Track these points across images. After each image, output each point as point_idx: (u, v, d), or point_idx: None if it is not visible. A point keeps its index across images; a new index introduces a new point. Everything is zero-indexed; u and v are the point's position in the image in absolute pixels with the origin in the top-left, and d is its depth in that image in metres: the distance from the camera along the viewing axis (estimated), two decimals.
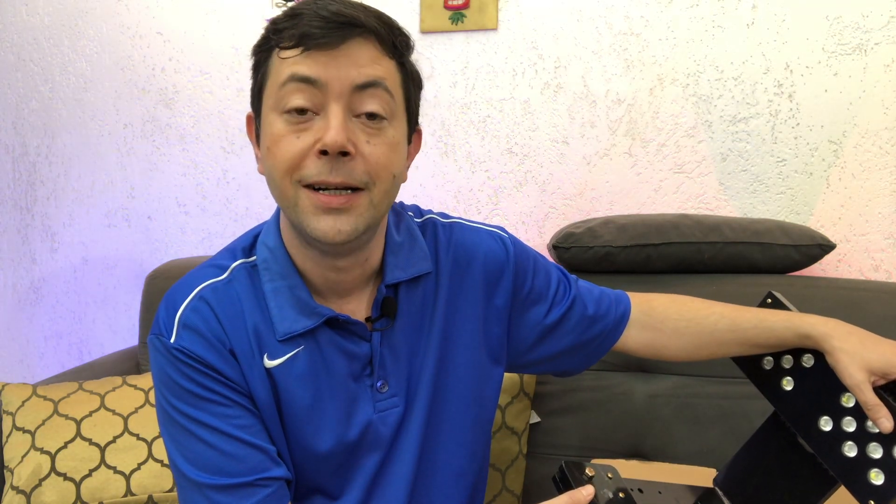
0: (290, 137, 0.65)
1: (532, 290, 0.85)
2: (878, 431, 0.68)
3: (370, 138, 0.65)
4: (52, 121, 1.82)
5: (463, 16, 1.50)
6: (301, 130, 0.64)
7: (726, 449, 1.12)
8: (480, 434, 0.84)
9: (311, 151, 0.64)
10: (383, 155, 0.66)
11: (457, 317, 0.80)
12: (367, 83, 0.64)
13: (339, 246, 0.68)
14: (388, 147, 0.67)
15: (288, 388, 0.72)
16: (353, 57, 0.64)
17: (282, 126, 0.65)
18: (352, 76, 0.63)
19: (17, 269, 1.92)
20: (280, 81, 0.64)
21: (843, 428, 0.71)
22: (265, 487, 0.69)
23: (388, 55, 0.66)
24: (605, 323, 0.87)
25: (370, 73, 0.64)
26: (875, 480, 0.67)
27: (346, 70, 0.63)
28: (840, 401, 0.72)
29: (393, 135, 0.67)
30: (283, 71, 0.64)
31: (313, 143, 0.64)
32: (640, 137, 1.46)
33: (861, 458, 0.69)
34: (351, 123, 0.65)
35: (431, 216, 0.85)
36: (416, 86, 0.72)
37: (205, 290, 0.72)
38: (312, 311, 0.72)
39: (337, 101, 0.64)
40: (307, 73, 0.63)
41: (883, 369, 0.70)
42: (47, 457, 1.14)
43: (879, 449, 0.68)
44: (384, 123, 0.66)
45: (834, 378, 0.73)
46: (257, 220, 1.71)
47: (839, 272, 1.40)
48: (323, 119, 0.64)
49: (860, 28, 1.33)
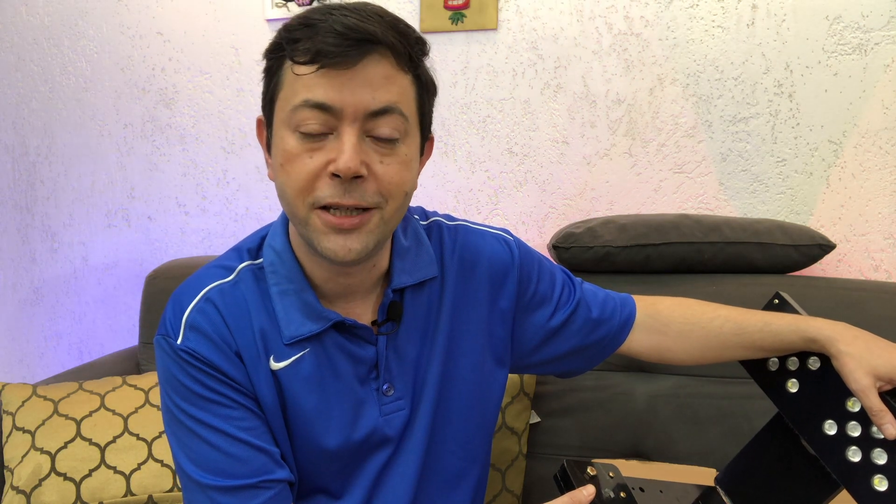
0: (303, 157, 0.64)
1: (536, 292, 0.85)
2: (883, 437, 0.68)
3: (383, 158, 0.65)
4: (52, 121, 1.82)
5: (463, 16, 1.50)
6: (314, 150, 0.64)
7: (726, 449, 1.12)
8: (484, 436, 0.85)
9: (324, 172, 0.64)
10: (396, 174, 0.66)
11: (462, 320, 0.80)
12: (382, 110, 0.63)
13: (349, 264, 0.68)
14: (401, 166, 0.66)
15: (293, 391, 0.72)
16: (368, 77, 0.62)
17: (295, 144, 0.64)
18: (366, 102, 0.63)
19: (17, 269, 1.92)
20: (294, 103, 0.64)
21: (848, 432, 0.70)
22: (268, 489, 0.69)
23: (403, 70, 0.65)
24: (609, 326, 0.87)
25: (385, 99, 0.63)
26: (878, 486, 0.66)
27: (360, 95, 0.62)
28: (845, 405, 0.72)
29: (406, 153, 0.67)
30: (298, 91, 0.63)
31: (326, 163, 0.63)
32: (640, 137, 1.46)
33: (865, 463, 0.68)
34: (364, 144, 0.64)
35: (437, 219, 0.85)
36: (430, 94, 0.71)
37: (212, 292, 0.72)
38: (319, 315, 0.72)
39: (351, 125, 0.63)
40: (322, 100, 0.62)
41: (889, 375, 0.70)
42: (47, 457, 1.14)
43: (884, 455, 0.67)
44: (397, 143, 0.66)
45: (840, 382, 0.72)
46: (257, 220, 1.72)
47: (839, 272, 1.40)
48: (336, 140, 0.64)
49: (860, 28, 1.33)
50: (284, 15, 1.61)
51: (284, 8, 1.61)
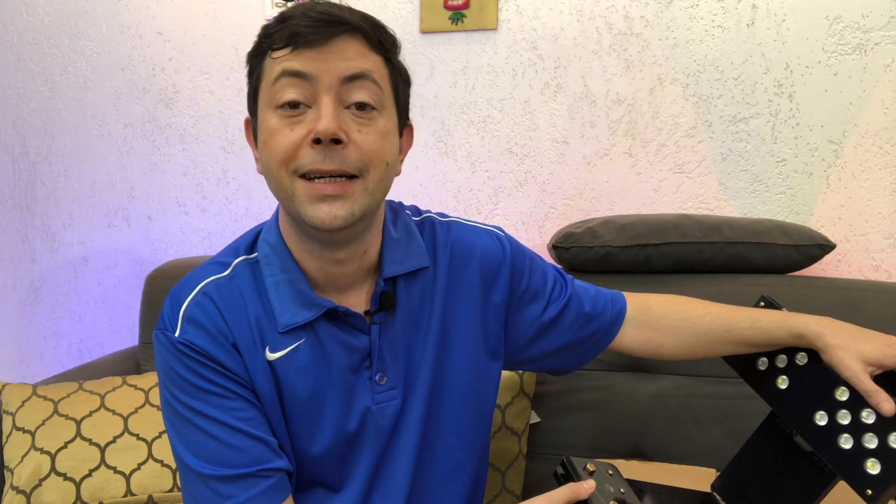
0: (284, 130, 0.67)
1: (529, 287, 0.86)
2: (872, 422, 0.70)
3: (361, 127, 0.68)
4: (52, 121, 1.82)
5: (463, 16, 1.50)
6: (295, 123, 0.67)
7: (726, 449, 1.12)
8: (480, 428, 0.85)
9: (305, 142, 0.66)
10: (375, 142, 0.68)
11: (455, 312, 0.81)
12: (356, 75, 0.67)
13: (336, 233, 0.69)
14: (380, 135, 0.69)
15: (289, 380, 0.74)
16: (340, 52, 0.67)
17: (276, 120, 0.68)
18: (340, 69, 0.66)
19: (17, 269, 1.92)
20: (272, 78, 0.67)
21: (839, 421, 0.72)
22: (267, 478, 0.71)
23: (374, 51, 0.69)
24: (601, 321, 0.89)
25: (358, 66, 0.67)
26: (871, 470, 0.68)
27: (334, 63, 0.66)
28: (834, 395, 0.74)
29: (384, 124, 0.70)
30: (275, 69, 0.67)
31: (307, 133, 0.66)
32: (640, 137, 1.46)
33: (857, 448, 0.70)
34: (342, 114, 0.67)
35: (429, 215, 0.86)
36: (403, 81, 0.75)
37: (208, 286, 0.74)
38: (312, 303, 0.73)
39: (327, 92, 0.66)
40: (297, 68, 0.66)
41: (878, 360, 0.72)
42: (47, 457, 1.14)
43: (875, 439, 0.69)
44: (374, 113, 0.69)
45: (827, 374, 0.75)
46: (257, 221, 1.71)
47: (839, 272, 1.40)
48: (315, 111, 0.67)
49: (860, 28, 1.33)
50: None
51: (284, 8, 1.61)
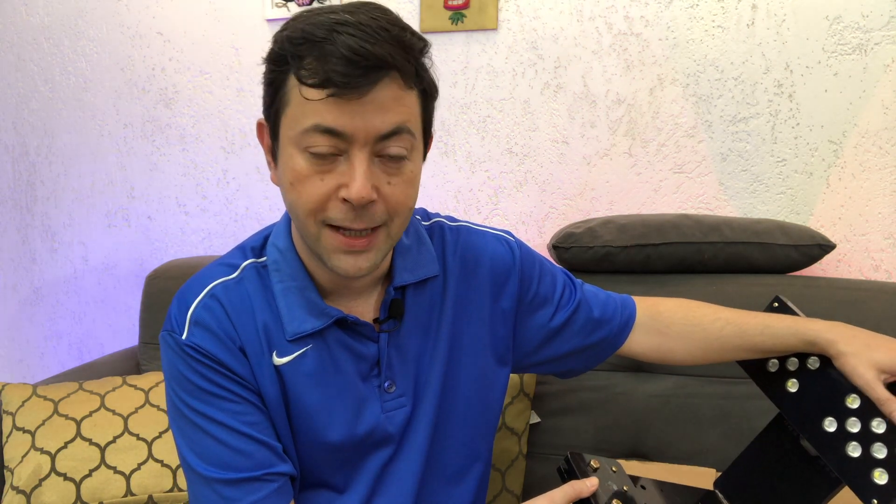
0: (313, 179, 0.64)
1: (538, 293, 0.86)
2: (882, 432, 0.69)
3: (390, 178, 0.66)
4: (52, 121, 1.82)
5: (463, 16, 1.50)
6: (325, 172, 0.64)
7: (726, 449, 1.12)
8: (486, 434, 0.85)
9: (335, 195, 0.64)
10: (402, 193, 0.67)
11: (464, 319, 0.81)
12: (392, 132, 0.64)
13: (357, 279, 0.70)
14: (407, 185, 0.67)
15: (296, 386, 0.73)
16: (378, 102, 0.62)
17: (304, 165, 0.64)
18: (377, 126, 0.63)
19: (17, 269, 1.92)
20: (304, 125, 0.63)
21: (848, 428, 0.71)
22: (271, 482, 0.71)
23: (411, 87, 0.65)
24: (610, 327, 0.88)
25: (394, 121, 0.63)
26: (879, 480, 0.67)
27: (371, 120, 0.62)
28: (844, 402, 0.72)
29: (412, 169, 0.68)
30: (307, 114, 0.63)
31: (336, 187, 0.64)
32: (640, 137, 1.46)
33: (865, 458, 0.69)
34: (373, 167, 0.65)
35: (439, 219, 0.86)
36: (433, 100, 0.71)
37: (216, 289, 0.73)
38: (321, 312, 0.73)
39: (361, 149, 0.63)
40: (333, 126, 0.62)
41: (892, 367, 0.70)
42: (47, 457, 1.14)
43: (884, 449, 0.68)
44: (404, 161, 0.66)
45: (839, 380, 0.73)
46: (257, 220, 1.72)
47: (839, 272, 1.40)
48: (346, 163, 0.64)
49: (860, 28, 1.33)
50: (284, 15, 1.60)
51: (284, 8, 1.61)
